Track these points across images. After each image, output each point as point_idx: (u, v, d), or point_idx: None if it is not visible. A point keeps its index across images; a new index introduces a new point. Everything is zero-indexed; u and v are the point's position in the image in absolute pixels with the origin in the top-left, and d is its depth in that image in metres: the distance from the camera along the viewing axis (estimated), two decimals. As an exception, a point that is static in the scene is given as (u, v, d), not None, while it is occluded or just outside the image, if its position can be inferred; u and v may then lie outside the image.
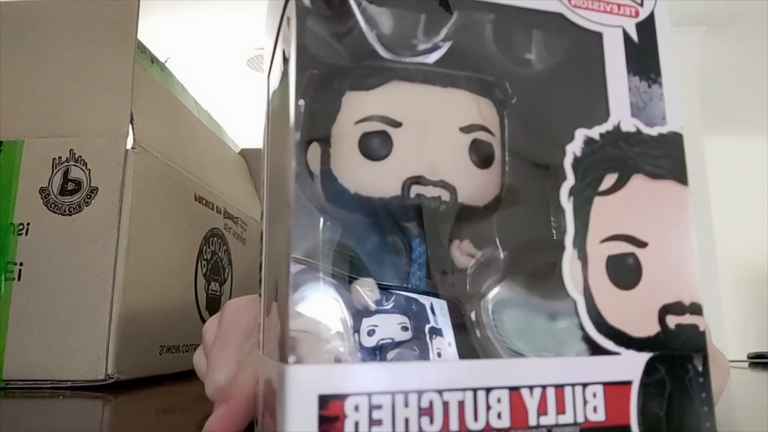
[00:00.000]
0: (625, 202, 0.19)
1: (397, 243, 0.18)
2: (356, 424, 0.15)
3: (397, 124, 0.18)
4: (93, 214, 0.44)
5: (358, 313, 0.17)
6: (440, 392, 0.16)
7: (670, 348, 0.18)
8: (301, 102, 0.17)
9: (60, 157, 0.45)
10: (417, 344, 0.17)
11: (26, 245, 0.44)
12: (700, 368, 0.18)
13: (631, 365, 0.18)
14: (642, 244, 0.18)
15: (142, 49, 0.51)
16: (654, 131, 0.19)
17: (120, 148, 0.45)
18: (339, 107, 0.18)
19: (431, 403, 0.16)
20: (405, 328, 0.18)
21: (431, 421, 0.16)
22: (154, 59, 0.54)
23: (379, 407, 0.15)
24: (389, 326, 0.17)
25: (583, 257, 0.18)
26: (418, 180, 0.18)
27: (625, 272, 0.18)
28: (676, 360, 0.18)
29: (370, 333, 0.17)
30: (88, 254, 0.43)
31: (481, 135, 0.19)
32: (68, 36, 0.49)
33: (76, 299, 0.43)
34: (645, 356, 0.18)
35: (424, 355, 0.17)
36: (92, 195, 0.45)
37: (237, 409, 0.22)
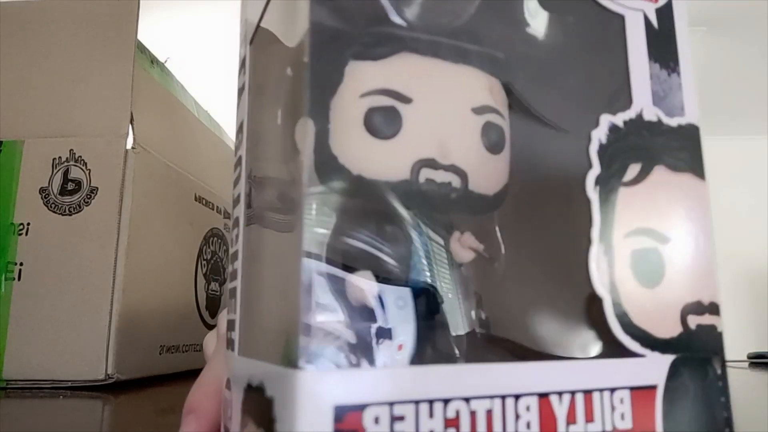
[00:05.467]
0: (648, 194, 0.18)
1: (396, 233, 0.16)
2: None
3: (406, 100, 0.16)
4: (93, 214, 0.44)
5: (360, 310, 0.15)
6: (467, 400, 0.15)
7: (691, 350, 0.17)
8: (289, 70, 0.15)
9: (60, 157, 0.45)
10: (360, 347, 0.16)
11: (26, 245, 0.44)
12: (718, 371, 0.17)
13: (656, 368, 0.17)
14: (665, 240, 0.18)
15: (142, 49, 0.51)
16: (674, 122, 0.19)
17: (120, 148, 0.45)
18: (341, 78, 0.16)
19: (458, 412, 0.14)
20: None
21: None
22: (154, 59, 0.54)
23: (402, 419, 0.14)
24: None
25: (609, 252, 0.17)
26: (428, 163, 0.16)
27: (648, 269, 0.17)
28: (697, 362, 0.17)
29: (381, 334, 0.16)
30: (88, 254, 0.43)
31: (493, 117, 0.17)
32: (68, 36, 0.49)
33: (76, 299, 0.43)
34: (669, 358, 0.17)
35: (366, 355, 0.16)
36: (92, 195, 0.45)
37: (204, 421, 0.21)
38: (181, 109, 0.59)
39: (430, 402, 0.14)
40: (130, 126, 0.46)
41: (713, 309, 0.18)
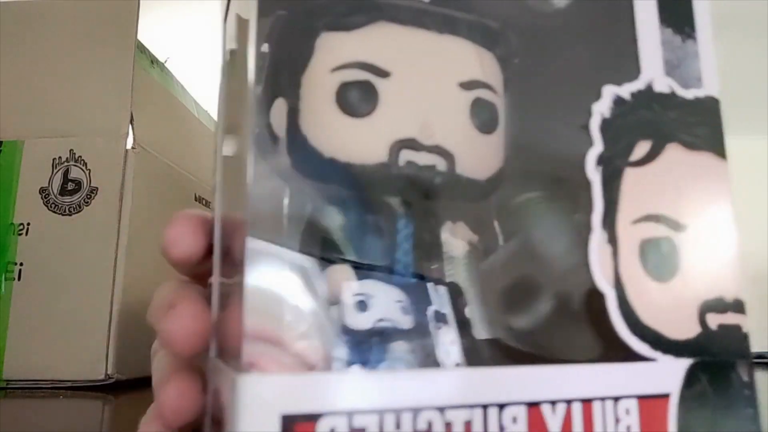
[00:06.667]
0: (659, 175, 0.16)
1: (379, 222, 0.14)
2: None
3: (384, 74, 0.15)
4: (93, 214, 0.44)
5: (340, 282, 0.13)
6: (441, 410, 0.13)
7: (711, 353, 0.15)
8: (265, 46, 0.14)
9: (60, 157, 0.45)
10: (418, 336, 0.14)
11: (26, 245, 0.44)
12: (744, 378, 0.15)
13: (669, 374, 0.15)
14: (679, 227, 0.16)
15: (141, 49, 0.51)
16: (689, 94, 0.16)
17: (120, 148, 0.45)
18: (312, 51, 0.14)
19: (430, 424, 0.13)
20: (405, 310, 0.14)
21: None
22: (154, 59, 0.54)
23: (363, 431, 0.12)
24: (386, 301, 0.13)
25: (613, 241, 0.15)
26: (409, 143, 0.14)
27: (661, 260, 0.15)
28: (719, 368, 0.15)
29: (362, 306, 0.13)
30: (88, 254, 0.43)
31: (483, 93, 0.15)
32: (68, 36, 0.49)
33: (76, 299, 0.43)
34: (684, 363, 0.15)
35: (428, 353, 0.13)
36: (92, 195, 0.45)
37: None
38: (181, 109, 0.59)
39: (397, 412, 0.12)
40: (130, 126, 0.46)
41: (737, 306, 0.16)
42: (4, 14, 0.49)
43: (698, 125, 0.16)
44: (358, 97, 0.14)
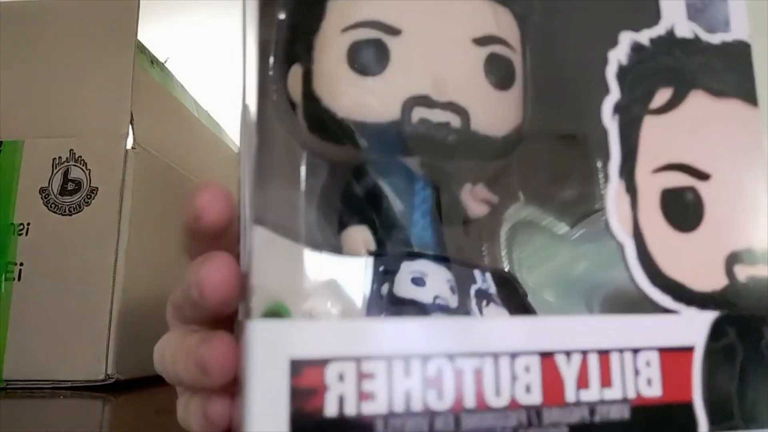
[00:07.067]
0: (682, 123, 0.15)
1: (396, 184, 0.14)
2: (340, 398, 0.12)
3: (395, 32, 0.14)
4: (93, 214, 0.44)
5: (388, 260, 0.13)
6: (451, 357, 0.12)
7: (740, 306, 0.14)
8: (282, 15, 0.14)
9: (60, 157, 0.45)
10: (461, 313, 0.13)
11: (26, 245, 0.44)
12: None
13: (693, 327, 0.14)
14: (703, 176, 0.15)
15: (141, 49, 0.51)
16: (716, 39, 0.15)
17: (120, 148, 0.45)
18: (323, 12, 0.14)
19: (440, 371, 0.12)
20: (452, 289, 0.13)
21: (440, 395, 0.12)
22: (154, 60, 0.54)
23: (371, 376, 0.12)
24: (439, 279, 0.13)
25: (632, 190, 0.14)
26: (421, 100, 0.14)
27: (684, 210, 0.15)
28: (749, 321, 0.14)
29: (419, 282, 0.13)
30: (88, 254, 0.43)
31: (498, 49, 0.15)
32: (68, 36, 0.49)
33: (76, 299, 0.43)
34: (710, 315, 0.14)
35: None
36: (92, 195, 0.45)
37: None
38: (181, 109, 0.59)
39: (406, 358, 0.12)
40: (130, 126, 0.46)
41: None
42: (4, 14, 0.49)
43: (725, 71, 0.15)
44: (369, 56, 0.14)
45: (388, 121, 0.14)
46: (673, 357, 0.14)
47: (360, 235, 0.13)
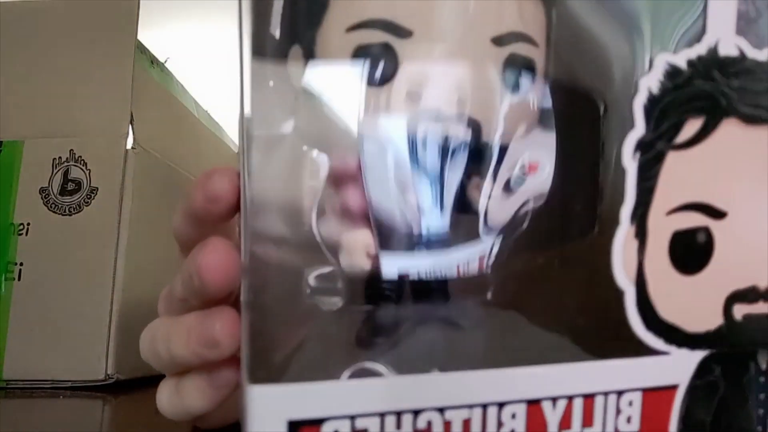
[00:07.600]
0: (706, 158, 0.14)
1: (403, 180, 0.13)
2: None
3: (405, 34, 0.13)
4: (93, 214, 0.44)
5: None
6: (441, 411, 0.13)
7: (731, 343, 0.14)
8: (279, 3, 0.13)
9: (60, 157, 0.45)
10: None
11: (26, 245, 0.44)
12: (763, 366, 0.15)
13: (680, 366, 0.14)
14: (719, 215, 0.14)
15: (141, 49, 0.51)
16: (762, 55, 0.14)
17: (120, 148, 0.45)
18: (326, 5, 0.13)
19: (429, 424, 0.13)
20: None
21: None
22: (154, 60, 0.54)
23: None
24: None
25: (641, 235, 0.14)
26: (434, 115, 0.13)
27: (692, 252, 0.14)
28: (736, 358, 0.14)
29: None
30: (88, 254, 0.43)
31: (520, 48, 0.14)
32: (68, 36, 0.49)
33: (76, 299, 0.43)
34: (699, 355, 0.14)
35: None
36: (92, 195, 0.45)
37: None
38: (181, 109, 0.59)
39: (398, 414, 0.12)
40: (130, 126, 0.46)
41: None
42: (4, 14, 0.49)
43: (764, 93, 0.14)
44: (375, 64, 0.13)
45: (392, 131, 0.13)
46: (656, 396, 0.14)
47: (361, 239, 0.13)
